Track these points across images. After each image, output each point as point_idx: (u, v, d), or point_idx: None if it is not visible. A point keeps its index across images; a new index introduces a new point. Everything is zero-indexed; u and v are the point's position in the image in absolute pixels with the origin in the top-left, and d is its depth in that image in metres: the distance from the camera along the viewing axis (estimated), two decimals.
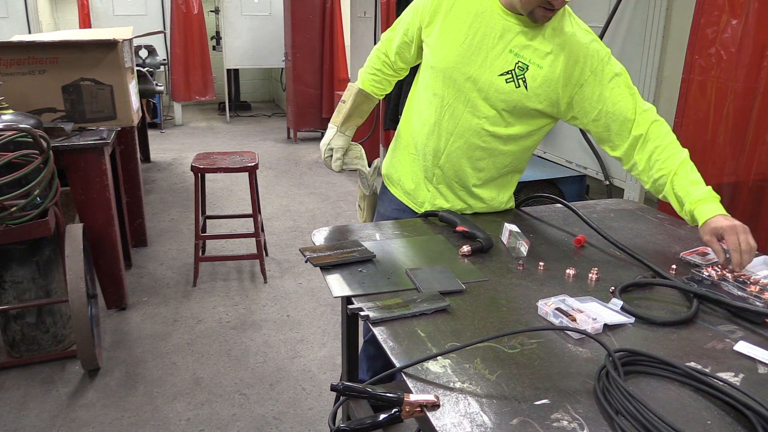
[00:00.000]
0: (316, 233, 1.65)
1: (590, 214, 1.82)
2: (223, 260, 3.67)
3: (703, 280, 1.36)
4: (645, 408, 0.90)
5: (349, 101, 1.84)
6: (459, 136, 1.69)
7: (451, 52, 1.64)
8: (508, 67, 1.60)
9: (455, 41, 1.64)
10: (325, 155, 1.86)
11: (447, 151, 1.72)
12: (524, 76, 1.59)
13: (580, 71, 1.58)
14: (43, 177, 2.36)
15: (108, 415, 2.33)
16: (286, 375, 2.60)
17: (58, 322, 2.68)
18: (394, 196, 1.89)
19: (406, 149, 1.84)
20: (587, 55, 1.58)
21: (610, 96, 1.58)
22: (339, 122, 1.84)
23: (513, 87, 1.60)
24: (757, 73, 2.11)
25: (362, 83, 1.89)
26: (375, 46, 1.91)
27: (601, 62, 1.58)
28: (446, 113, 1.69)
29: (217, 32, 7.85)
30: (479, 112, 1.65)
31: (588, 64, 1.58)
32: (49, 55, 3.05)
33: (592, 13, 3.28)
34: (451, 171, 1.74)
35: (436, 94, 1.70)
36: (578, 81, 1.59)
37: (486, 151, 1.70)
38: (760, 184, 2.15)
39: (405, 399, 0.94)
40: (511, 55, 1.60)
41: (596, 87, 1.58)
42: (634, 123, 1.58)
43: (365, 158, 1.89)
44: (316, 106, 6.78)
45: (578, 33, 1.60)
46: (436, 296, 1.27)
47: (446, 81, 1.66)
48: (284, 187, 5.25)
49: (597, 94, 1.59)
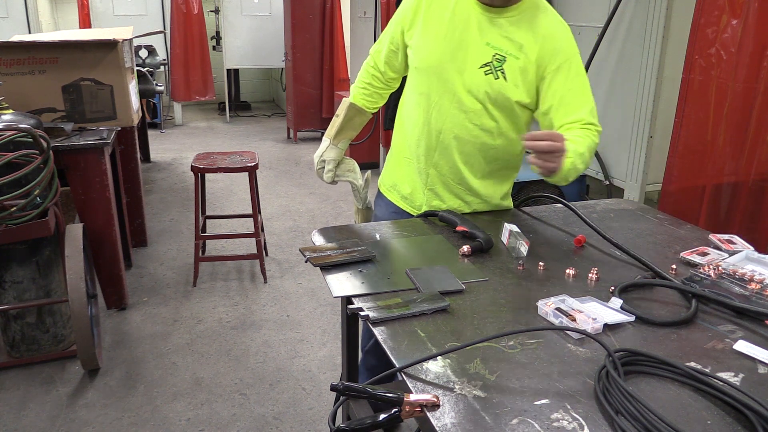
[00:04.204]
0: (316, 233, 1.65)
1: (590, 214, 1.82)
2: (223, 260, 3.67)
3: (702, 280, 1.36)
4: (645, 408, 0.90)
5: (342, 115, 1.89)
6: (448, 132, 1.72)
7: (433, 50, 1.68)
8: (487, 60, 1.63)
9: (436, 39, 1.68)
10: (318, 166, 1.91)
11: (439, 149, 1.75)
12: (503, 68, 1.63)
13: (547, 64, 1.62)
14: (43, 177, 2.36)
15: (108, 415, 2.33)
16: (286, 375, 2.60)
17: (58, 322, 2.68)
18: (390, 202, 1.92)
19: (400, 154, 1.88)
20: (557, 50, 1.62)
21: (565, 95, 1.62)
22: (332, 135, 1.89)
23: (492, 79, 1.63)
24: (757, 73, 2.11)
25: (354, 98, 1.93)
26: (365, 60, 1.94)
27: (567, 60, 1.62)
28: (434, 110, 1.72)
29: (217, 32, 7.84)
30: (465, 107, 1.68)
31: (555, 59, 1.61)
32: (49, 55, 3.05)
33: (592, 13, 3.28)
34: (446, 168, 1.77)
35: (422, 94, 1.74)
36: (544, 74, 1.63)
37: (476, 145, 1.72)
38: (760, 184, 2.15)
39: (405, 399, 0.94)
40: (489, 47, 1.63)
41: (555, 82, 1.62)
42: (573, 125, 1.62)
43: (358, 172, 1.92)
44: (316, 106, 6.78)
45: (552, 27, 1.65)
46: (436, 296, 1.27)
47: (431, 79, 1.70)
48: (284, 187, 5.25)
49: (554, 89, 1.63)
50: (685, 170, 2.42)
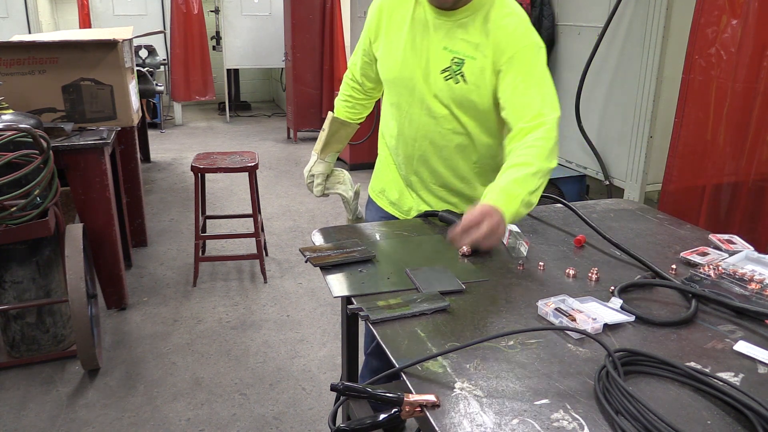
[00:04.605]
0: (316, 233, 1.65)
1: (590, 214, 1.82)
2: (223, 260, 3.67)
3: (702, 280, 1.36)
4: (645, 408, 0.90)
5: (326, 129, 1.91)
6: (423, 138, 1.71)
7: (397, 59, 1.67)
8: (446, 65, 1.61)
9: (398, 48, 1.66)
10: (307, 181, 1.94)
11: (416, 156, 1.75)
12: (462, 71, 1.59)
13: (499, 59, 1.56)
14: (43, 177, 2.36)
15: (108, 415, 2.33)
16: (286, 375, 2.60)
17: (58, 322, 2.68)
18: (380, 207, 1.93)
19: (386, 161, 1.89)
20: (506, 44, 1.55)
21: (515, 89, 1.55)
22: (319, 149, 1.92)
23: (453, 83, 1.61)
24: (757, 73, 2.11)
25: (337, 111, 1.95)
26: (345, 73, 1.95)
27: (517, 52, 1.55)
28: (405, 120, 1.72)
29: (217, 32, 7.84)
30: (434, 113, 1.67)
31: (505, 53, 1.55)
32: (49, 55, 3.05)
33: (592, 13, 3.28)
34: (426, 174, 1.77)
35: (393, 104, 1.75)
36: (499, 69, 1.57)
37: (452, 150, 1.71)
38: (760, 184, 2.15)
39: (405, 399, 0.94)
40: (446, 51, 1.61)
41: (507, 77, 1.56)
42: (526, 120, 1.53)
43: (348, 183, 1.94)
44: (316, 106, 6.78)
45: (502, 20, 1.57)
46: (436, 296, 1.27)
47: (399, 89, 1.70)
48: (284, 187, 5.25)
49: (504, 85, 1.56)
50: (685, 170, 2.42)
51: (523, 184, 1.44)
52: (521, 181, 1.44)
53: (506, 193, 1.42)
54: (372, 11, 1.73)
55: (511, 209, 1.41)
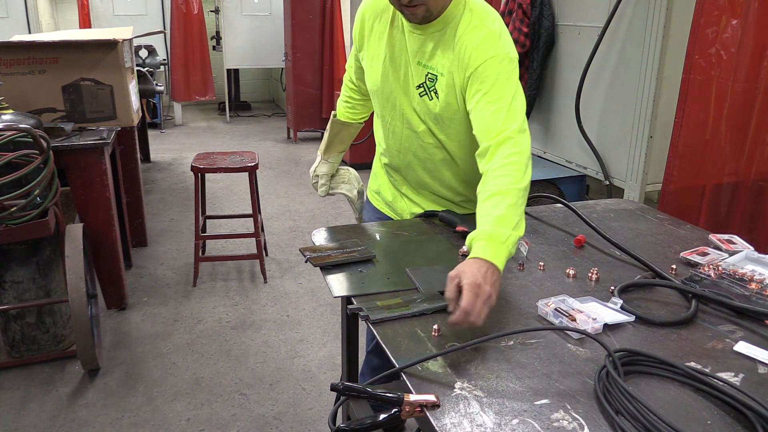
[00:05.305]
0: (316, 233, 1.65)
1: (590, 214, 1.82)
2: (223, 260, 3.67)
3: (702, 280, 1.36)
4: (645, 408, 0.90)
5: (328, 130, 1.93)
6: (406, 151, 1.70)
7: (378, 72, 1.64)
8: (421, 80, 1.57)
9: (379, 60, 1.63)
10: (312, 181, 1.96)
11: (403, 166, 1.75)
12: (435, 87, 1.54)
13: (464, 73, 1.48)
14: (43, 177, 2.36)
15: (108, 415, 2.33)
16: (286, 375, 2.60)
17: (58, 322, 2.68)
18: (376, 208, 1.94)
19: (380, 163, 1.90)
20: (470, 58, 1.47)
21: (478, 105, 1.45)
22: (322, 150, 1.93)
23: (427, 99, 1.57)
24: (757, 73, 2.11)
25: (338, 112, 1.95)
26: (344, 74, 1.96)
27: (480, 66, 1.45)
28: (389, 133, 1.72)
29: (217, 32, 7.84)
30: (413, 127, 1.64)
31: (470, 67, 1.47)
32: (49, 55, 3.05)
33: (592, 13, 3.28)
34: (415, 182, 1.77)
35: (378, 116, 1.75)
36: (464, 84, 1.49)
37: (436, 162, 1.69)
38: (760, 184, 2.15)
39: (405, 399, 0.94)
40: (420, 67, 1.56)
41: (470, 91, 1.48)
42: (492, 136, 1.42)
43: (354, 182, 1.96)
44: (316, 106, 6.77)
45: (465, 32, 1.49)
46: (436, 296, 1.27)
47: (382, 101, 1.68)
48: (284, 187, 5.25)
49: (469, 100, 1.49)
50: (685, 170, 2.42)
51: (506, 221, 1.27)
52: (504, 219, 1.27)
53: (494, 239, 1.23)
54: (356, 19, 1.69)
55: (503, 255, 1.23)
